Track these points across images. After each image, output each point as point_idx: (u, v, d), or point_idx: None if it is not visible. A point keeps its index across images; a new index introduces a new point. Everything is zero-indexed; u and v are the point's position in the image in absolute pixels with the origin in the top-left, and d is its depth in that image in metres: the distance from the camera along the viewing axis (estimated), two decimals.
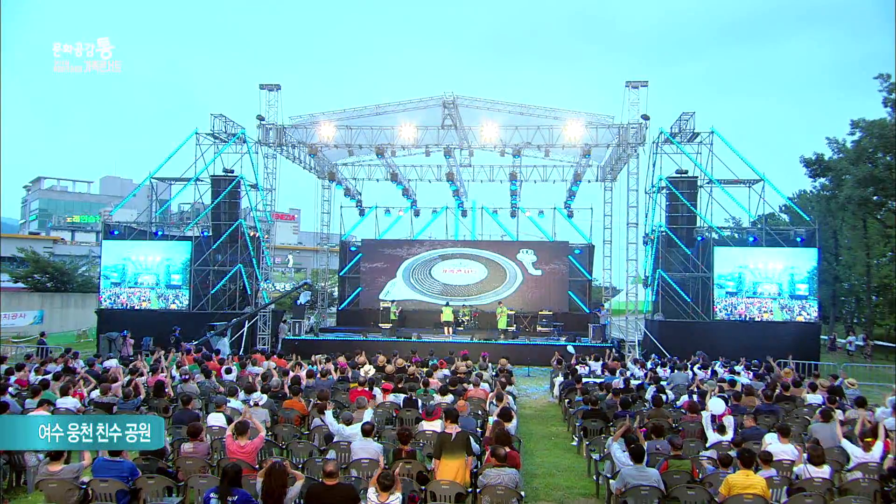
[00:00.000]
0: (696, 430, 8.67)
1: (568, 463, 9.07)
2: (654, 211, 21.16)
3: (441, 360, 14.34)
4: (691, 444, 8.00)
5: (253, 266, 21.10)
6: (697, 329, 19.54)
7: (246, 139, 20.99)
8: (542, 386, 15.92)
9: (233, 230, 20.65)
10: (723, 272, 19.86)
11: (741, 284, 19.70)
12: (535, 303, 25.12)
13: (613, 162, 22.42)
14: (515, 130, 20.08)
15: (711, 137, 20.60)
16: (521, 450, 8.83)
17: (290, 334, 21.20)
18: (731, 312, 19.76)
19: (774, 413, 9.37)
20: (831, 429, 7.92)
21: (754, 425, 8.13)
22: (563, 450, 9.85)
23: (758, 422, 8.58)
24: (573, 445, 9.95)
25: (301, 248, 58.68)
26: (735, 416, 8.90)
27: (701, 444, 8.05)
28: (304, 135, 20.74)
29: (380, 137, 20.49)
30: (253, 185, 21.38)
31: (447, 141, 20.76)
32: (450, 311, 22.58)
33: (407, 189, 25.89)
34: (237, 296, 20.85)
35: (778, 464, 6.92)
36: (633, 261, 19.78)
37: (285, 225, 64.54)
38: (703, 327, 19.62)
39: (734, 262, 19.92)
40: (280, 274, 56.45)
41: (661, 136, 20.73)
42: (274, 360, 14.29)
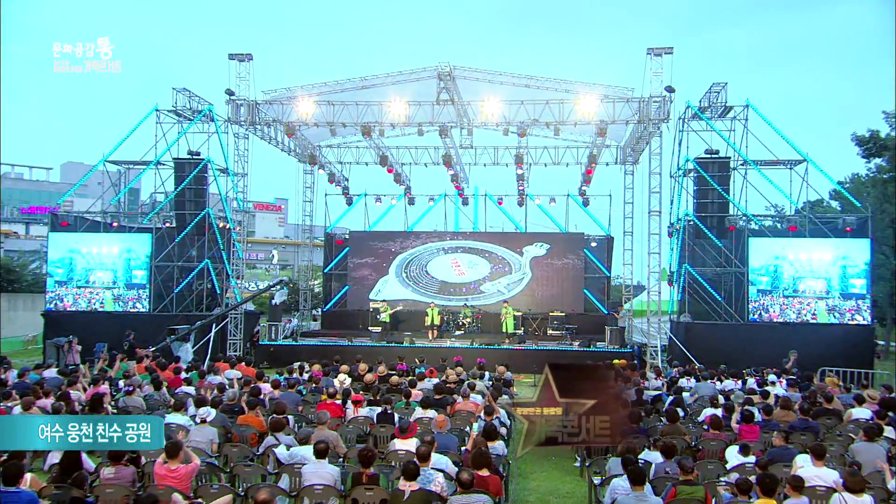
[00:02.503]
0: (719, 450, 8.35)
1: (568, 488, 8.80)
2: (680, 197, 20.91)
3: (431, 367, 14.13)
4: (710, 466, 7.68)
5: (223, 261, 20.89)
6: (730, 333, 19.27)
7: (214, 117, 20.80)
8: None
9: (199, 220, 20.52)
10: (759, 266, 19.53)
11: (777, 280, 19.25)
12: (545, 303, 24.89)
13: (634, 142, 21.97)
14: (521, 106, 19.64)
15: (746, 112, 20.26)
16: (511, 473, 8.53)
17: (264, 339, 20.94)
18: (760, 316, 19.33)
19: (812, 430, 8.98)
20: (877, 449, 7.54)
21: (784, 444, 7.75)
22: (564, 472, 9.59)
23: (790, 440, 8.20)
24: (576, 467, 9.64)
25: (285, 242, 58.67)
26: (765, 432, 8.56)
27: (722, 467, 7.72)
28: (280, 112, 20.40)
29: (366, 115, 20.10)
30: (222, 170, 21.23)
31: (443, 119, 20.36)
32: (436, 311, 22.34)
33: (399, 175, 25.58)
34: (205, 296, 20.67)
35: (811, 491, 6.56)
36: (656, 254, 19.30)
37: (270, 216, 64.59)
38: (736, 331, 19.34)
39: (770, 253, 19.49)
40: (263, 271, 56.67)
41: (689, 112, 20.45)
42: (240, 369, 14.06)
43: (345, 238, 27.11)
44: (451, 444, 8.13)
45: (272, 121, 20.56)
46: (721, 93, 20.16)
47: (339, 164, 26.46)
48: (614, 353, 19.08)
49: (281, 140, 22.70)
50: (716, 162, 20.56)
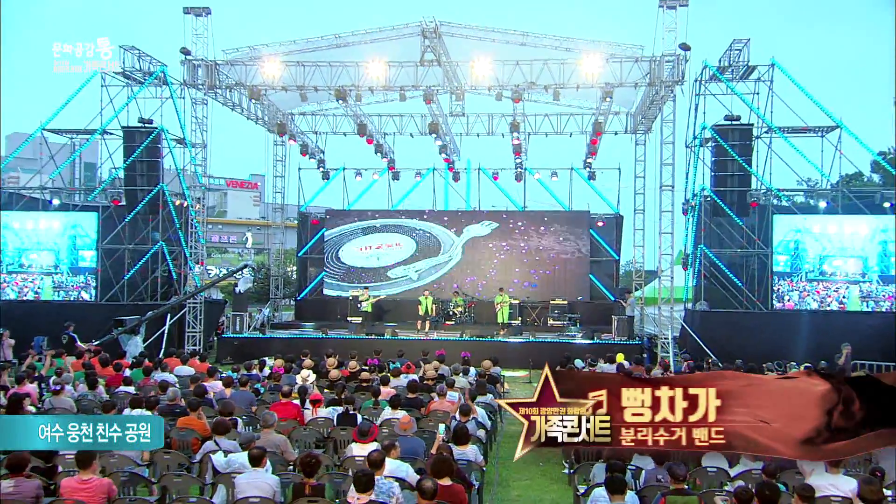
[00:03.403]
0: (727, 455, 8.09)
1: (552, 497, 8.72)
2: (696, 169, 20.73)
3: (408, 362, 14.01)
4: (710, 472, 7.47)
5: (180, 244, 20.73)
6: (752, 322, 19.17)
7: (167, 79, 20.51)
8: None
9: (152, 198, 20.32)
10: (776, 244, 19.57)
11: (799, 260, 19.01)
12: (545, 289, 24.79)
13: (646, 107, 21.77)
14: (516, 67, 19.43)
15: (772, 72, 19.93)
16: (488, 480, 8.36)
17: (228, 332, 20.80)
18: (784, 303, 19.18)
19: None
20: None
21: None
22: (551, 480, 9.46)
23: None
24: (565, 474, 9.46)
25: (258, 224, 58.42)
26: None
27: (726, 474, 7.55)
28: (244, 74, 20.14)
29: (341, 77, 19.87)
30: (178, 140, 20.98)
31: (428, 82, 20.12)
32: (429, 300, 22.20)
33: (381, 146, 25.32)
34: (160, 283, 20.59)
35: (824, 502, 6.36)
36: (668, 234, 19.20)
37: (244, 195, 64.21)
38: (759, 320, 19.22)
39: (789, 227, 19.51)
40: (237, 256, 56.53)
41: (706, 72, 20.11)
42: (193, 365, 13.91)
43: (321, 217, 26.91)
44: (417, 448, 7.97)
45: (234, 84, 20.34)
46: (743, 51, 19.82)
47: (314, 134, 26.29)
48: (620, 345, 18.86)
49: (246, 107, 22.51)
50: (737, 129, 20.26)
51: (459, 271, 25.43)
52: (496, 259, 25.40)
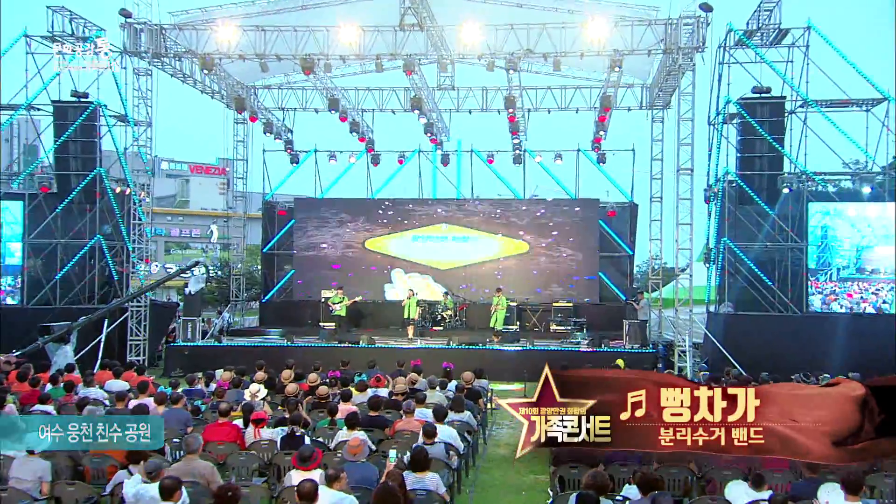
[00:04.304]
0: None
1: None
2: (720, 150, 20.62)
3: (378, 375, 13.87)
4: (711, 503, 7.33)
5: (123, 238, 20.67)
6: (784, 328, 19.13)
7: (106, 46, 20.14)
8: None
9: (88, 184, 20.25)
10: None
11: (829, 253, 18.79)
12: (548, 289, 24.81)
13: (663, 79, 21.68)
14: (510, 32, 19.40)
15: (807, 36, 19.81)
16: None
17: (178, 340, 20.83)
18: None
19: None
20: None
21: (815, 476, 7.36)
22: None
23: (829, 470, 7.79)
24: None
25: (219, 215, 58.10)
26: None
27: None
28: (195, 40, 20.06)
29: (308, 45, 19.84)
30: (119, 117, 20.92)
31: (409, 49, 20.03)
32: (413, 302, 22.09)
33: (357, 124, 25.20)
34: (97, 284, 20.51)
35: None
36: (686, 225, 19.27)
37: (209, 182, 63.90)
38: (792, 325, 19.17)
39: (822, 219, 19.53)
40: (200, 251, 56.39)
41: (731, 37, 20.04)
42: (128, 378, 13.71)
43: (289, 207, 26.89)
44: (370, 476, 7.76)
45: (184, 52, 20.32)
46: (774, 12, 19.77)
47: (281, 110, 26.25)
48: (631, 354, 18.72)
49: (201, 79, 22.48)
50: (766, 103, 20.25)
51: (450, 270, 25.37)
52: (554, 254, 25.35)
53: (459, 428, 10.40)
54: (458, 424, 10.52)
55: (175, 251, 58.86)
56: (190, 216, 61.16)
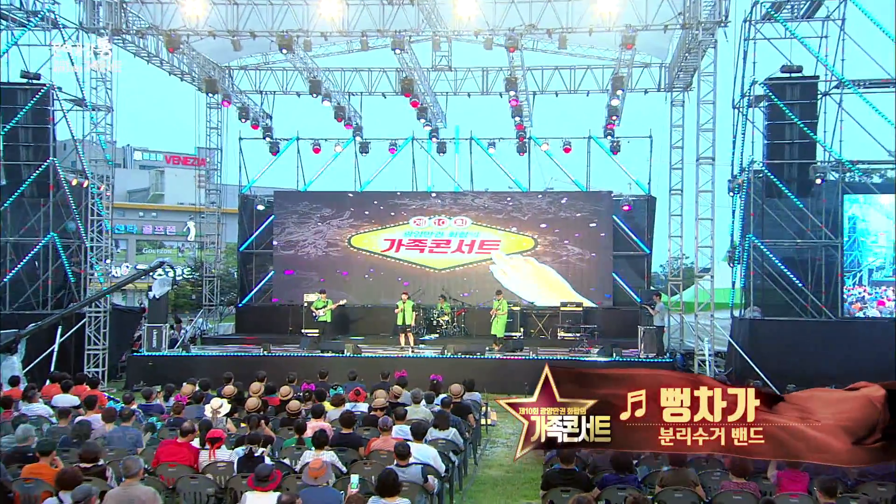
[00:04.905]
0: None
1: None
2: (745, 137, 20.58)
3: (359, 388, 13.69)
4: None
5: (81, 237, 20.58)
6: (816, 334, 19.11)
7: (59, 21, 20.37)
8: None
9: (41, 176, 20.13)
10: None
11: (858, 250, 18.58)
12: (555, 292, 24.71)
13: (683, 57, 21.52)
14: (511, 5, 19.46)
15: (843, 8, 19.80)
16: None
17: (143, 349, 20.73)
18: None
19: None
20: None
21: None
22: None
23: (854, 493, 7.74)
24: None
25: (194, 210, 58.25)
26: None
27: None
28: (159, 16, 20.14)
29: (285, 20, 19.85)
30: (76, 101, 20.83)
31: (398, 25, 19.93)
32: (409, 306, 21.95)
33: (343, 109, 25.10)
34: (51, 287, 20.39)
35: None
36: (707, 220, 19.25)
37: (185, 174, 63.62)
38: (826, 331, 19.15)
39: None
40: (175, 251, 56.29)
41: (758, 10, 19.95)
42: (79, 392, 13.51)
43: (268, 202, 26.84)
44: (330, 502, 7.58)
45: (147, 28, 20.34)
46: None
47: (259, 94, 26.27)
48: (645, 363, 18.61)
49: (168, 59, 22.52)
50: (797, 84, 20.09)
51: (445, 270, 25.38)
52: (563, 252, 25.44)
53: (444, 447, 10.22)
54: (443, 444, 10.33)
55: (148, 250, 58.62)
56: (164, 211, 61.06)
